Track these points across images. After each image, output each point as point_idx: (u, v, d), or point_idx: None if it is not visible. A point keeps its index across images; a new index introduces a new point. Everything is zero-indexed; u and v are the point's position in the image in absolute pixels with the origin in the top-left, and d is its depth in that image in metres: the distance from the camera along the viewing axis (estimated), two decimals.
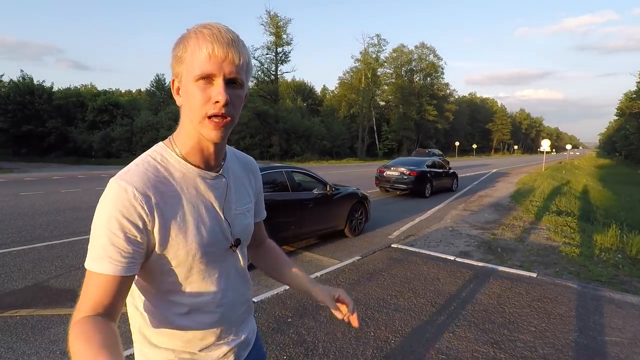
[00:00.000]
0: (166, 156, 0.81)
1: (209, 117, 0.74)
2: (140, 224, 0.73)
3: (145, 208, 0.73)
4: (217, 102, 0.73)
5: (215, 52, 0.72)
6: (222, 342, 0.90)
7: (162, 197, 0.76)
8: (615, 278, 4.52)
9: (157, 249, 0.77)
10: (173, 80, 0.80)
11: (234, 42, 0.74)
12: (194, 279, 0.83)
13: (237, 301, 0.92)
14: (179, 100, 0.80)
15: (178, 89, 0.79)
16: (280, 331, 3.01)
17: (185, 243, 0.79)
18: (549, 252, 5.60)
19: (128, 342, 1.06)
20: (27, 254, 4.89)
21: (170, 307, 0.83)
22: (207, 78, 0.73)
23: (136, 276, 0.77)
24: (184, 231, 0.79)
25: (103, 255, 0.71)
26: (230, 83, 0.75)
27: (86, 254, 0.74)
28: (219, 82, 0.73)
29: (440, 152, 26.28)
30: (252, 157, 1.04)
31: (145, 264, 0.78)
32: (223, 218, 0.86)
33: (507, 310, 3.46)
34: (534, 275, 4.50)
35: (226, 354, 0.91)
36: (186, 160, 0.81)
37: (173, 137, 0.83)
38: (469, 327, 3.13)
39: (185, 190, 0.80)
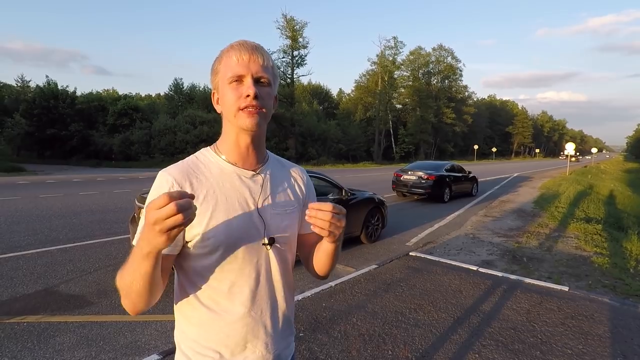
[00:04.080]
0: (207, 156, 0.93)
1: (242, 109, 0.84)
2: None
3: None
4: (247, 95, 0.83)
5: (242, 56, 0.84)
6: (248, 349, 0.90)
7: (196, 188, 0.86)
8: None
9: (191, 233, 0.84)
10: (213, 93, 0.91)
11: (257, 48, 0.86)
12: (225, 268, 0.87)
13: (268, 306, 0.92)
14: (218, 109, 0.91)
15: (218, 99, 0.90)
16: None
17: (215, 230, 0.84)
18: (580, 263, 5.24)
19: None
20: (41, 257, 4.87)
21: (202, 292, 0.87)
22: (238, 80, 0.84)
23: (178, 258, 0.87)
24: (215, 219, 0.85)
25: None
26: (258, 81, 0.85)
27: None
28: (248, 80, 0.84)
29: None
30: (300, 167, 1.08)
31: (184, 247, 0.86)
32: (257, 213, 0.90)
33: (538, 329, 3.18)
34: (566, 289, 4.17)
35: None
36: (225, 160, 0.91)
37: (217, 143, 0.94)
38: (497, 347, 2.87)
39: (221, 184, 0.88)
